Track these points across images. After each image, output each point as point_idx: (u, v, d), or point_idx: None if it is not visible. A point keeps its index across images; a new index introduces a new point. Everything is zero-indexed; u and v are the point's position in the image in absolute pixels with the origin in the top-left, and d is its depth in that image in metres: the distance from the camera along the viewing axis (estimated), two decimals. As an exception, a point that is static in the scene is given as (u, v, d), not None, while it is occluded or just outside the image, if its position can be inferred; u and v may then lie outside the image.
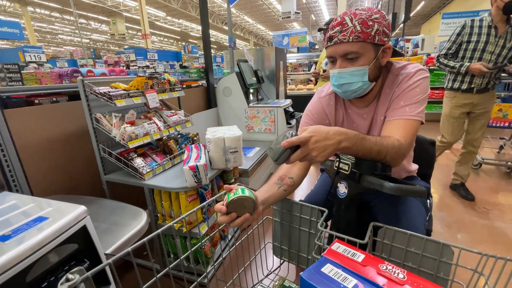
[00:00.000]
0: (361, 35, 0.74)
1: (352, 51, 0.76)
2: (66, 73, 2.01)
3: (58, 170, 1.45)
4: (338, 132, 0.63)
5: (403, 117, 0.78)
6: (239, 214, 0.66)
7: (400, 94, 0.81)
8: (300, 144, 0.61)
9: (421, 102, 0.79)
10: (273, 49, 3.16)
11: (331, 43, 0.79)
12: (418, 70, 0.81)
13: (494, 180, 2.66)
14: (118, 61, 7.77)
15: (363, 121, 0.92)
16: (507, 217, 2.00)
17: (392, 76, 0.84)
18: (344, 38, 0.75)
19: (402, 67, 0.84)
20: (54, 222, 0.62)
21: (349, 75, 0.80)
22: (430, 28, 14.56)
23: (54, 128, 1.43)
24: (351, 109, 0.94)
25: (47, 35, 16.98)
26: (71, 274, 0.43)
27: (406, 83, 0.80)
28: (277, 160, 0.62)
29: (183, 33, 19.13)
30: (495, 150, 3.32)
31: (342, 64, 0.80)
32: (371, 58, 0.78)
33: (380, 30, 0.75)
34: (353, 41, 0.75)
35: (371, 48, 0.77)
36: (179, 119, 1.71)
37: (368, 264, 0.48)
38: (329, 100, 0.96)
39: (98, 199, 1.28)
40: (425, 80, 0.80)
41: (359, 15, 0.74)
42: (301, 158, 0.62)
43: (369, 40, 0.75)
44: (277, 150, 0.61)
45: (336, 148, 0.62)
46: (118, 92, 1.36)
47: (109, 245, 0.89)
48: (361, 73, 0.79)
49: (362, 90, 0.82)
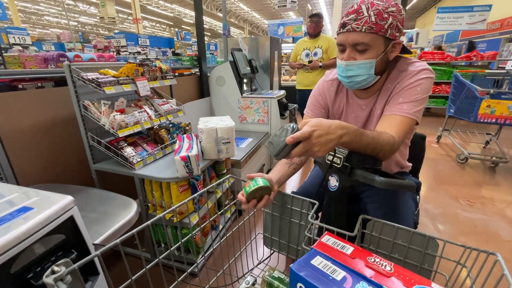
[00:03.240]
0: (374, 26, 0.74)
1: (363, 42, 0.76)
2: (51, 57, 1.92)
3: (45, 158, 1.41)
4: (339, 126, 0.61)
5: (399, 114, 0.78)
6: (259, 199, 0.74)
7: (400, 91, 0.81)
8: (302, 139, 0.59)
9: (419, 102, 0.78)
10: (268, 38, 3.11)
11: (343, 29, 0.78)
12: (423, 69, 0.80)
13: (479, 174, 2.74)
14: (108, 46, 7.50)
15: (362, 112, 0.92)
16: (489, 210, 2.08)
17: (397, 72, 0.85)
18: (358, 27, 0.75)
19: (408, 63, 0.84)
20: (40, 212, 0.60)
21: (356, 67, 0.80)
22: (424, 22, 14.57)
23: (40, 115, 1.37)
24: (353, 99, 0.94)
25: (32, 16, 16.17)
26: (57, 266, 0.42)
27: (408, 80, 0.80)
28: (277, 155, 0.60)
29: (176, 18, 18.55)
30: (481, 145, 3.41)
31: (351, 54, 0.80)
32: (380, 52, 0.78)
33: (394, 25, 0.75)
34: (365, 31, 0.75)
35: (381, 42, 0.77)
36: (171, 108, 1.68)
37: (357, 256, 0.49)
38: (331, 85, 0.98)
39: (87, 188, 1.25)
40: (427, 80, 0.79)
41: (376, 5, 0.73)
42: (302, 153, 0.60)
43: (381, 33, 0.75)
44: (278, 145, 0.59)
45: (337, 143, 0.61)
46: (107, 79, 1.31)
47: (98, 235, 0.88)
48: (368, 66, 0.79)
49: (367, 83, 0.83)
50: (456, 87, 3.13)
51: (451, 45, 7.84)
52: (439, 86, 4.99)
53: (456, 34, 9.90)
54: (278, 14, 17.08)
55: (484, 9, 6.71)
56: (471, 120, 2.71)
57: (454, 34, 9.90)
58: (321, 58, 2.74)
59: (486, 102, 2.57)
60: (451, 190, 2.40)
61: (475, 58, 4.74)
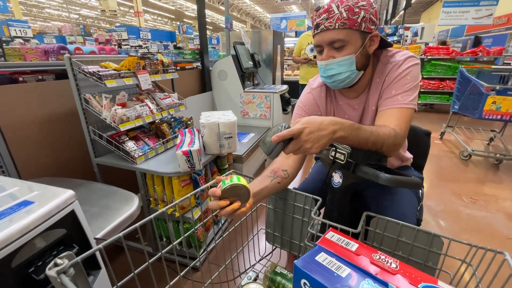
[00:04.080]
0: (347, 21, 0.73)
1: (338, 38, 0.75)
2: (52, 50, 1.90)
3: (47, 152, 1.40)
4: (332, 121, 0.62)
5: (396, 106, 0.78)
6: (231, 202, 0.64)
7: (391, 83, 0.80)
8: (293, 137, 0.60)
9: (412, 90, 0.78)
10: (271, 32, 3.07)
11: (317, 30, 0.78)
12: (408, 57, 0.80)
13: (482, 171, 2.72)
14: (110, 39, 7.45)
15: (354, 112, 0.91)
16: (491, 207, 2.07)
17: (382, 65, 0.84)
18: (331, 25, 0.74)
19: (391, 55, 0.84)
20: (41, 206, 0.60)
21: (336, 65, 0.79)
22: (430, 17, 14.35)
23: (41, 108, 1.37)
24: (342, 100, 0.93)
25: (33, 8, 16.06)
26: (60, 259, 0.42)
27: (396, 71, 0.80)
28: (270, 154, 0.61)
29: (178, 12, 18.36)
30: (485, 142, 3.38)
31: (329, 53, 0.79)
32: (358, 46, 0.77)
33: (366, 18, 0.74)
34: (339, 28, 0.74)
35: (357, 36, 0.76)
36: (173, 102, 1.66)
37: (362, 253, 0.48)
38: (320, 92, 0.95)
39: (89, 183, 1.25)
40: (414, 67, 0.79)
41: (345, 2, 0.74)
42: (295, 150, 0.61)
43: (355, 27, 0.74)
44: (270, 144, 0.60)
45: (331, 139, 0.61)
46: (108, 72, 1.30)
47: (99, 229, 0.88)
48: (348, 62, 0.78)
49: (350, 80, 0.82)
50: (461, 83, 3.09)
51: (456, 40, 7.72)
52: (443, 82, 4.92)
53: (461, 29, 9.74)
54: (280, 8, 16.85)
55: (491, 4, 6.58)
56: (475, 116, 2.67)
57: (460, 29, 9.74)
58: None
59: (491, 98, 2.53)
60: (454, 187, 2.38)
61: (481, 54, 4.66)
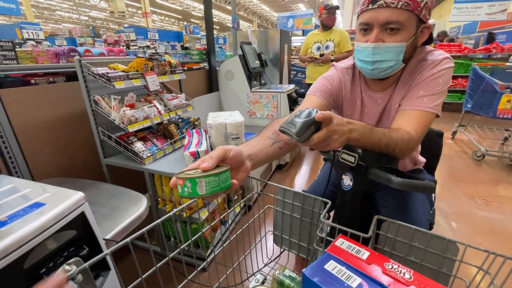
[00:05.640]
0: (411, 2, 0.65)
1: (397, 20, 0.66)
2: (63, 52, 1.94)
3: (57, 153, 1.43)
4: (348, 120, 0.59)
5: (419, 108, 0.73)
6: None
7: (421, 82, 0.75)
8: (325, 122, 0.52)
9: (440, 94, 0.73)
10: (278, 31, 3.04)
11: (373, 5, 0.67)
12: (444, 58, 0.74)
13: (496, 171, 2.64)
14: (118, 40, 7.55)
15: (376, 106, 0.86)
16: (506, 209, 2.00)
17: (415, 62, 0.78)
18: (392, 2, 0.65)
19: (427, 52, 0.77)
20: (52, 208, 0.60)
21: (384, 51, 0.71)
22: (441, 13, 13.99)
23: (52, 110, 1.39)
24: (365, 92, 0.87)
25: (44, 11, 16.44)
26: (68, 265, 0.42)
27: (430, 71, 0.74)
28: (301, 136, 0.51)
29: (185, 12, 18.47)
30: (500, 141, 3.28)
31: (379, 35, 0.70)
32: (411, 34, 0.70)
33: (428, 4, 0.67)
34: (401, 7, 0.65)
35: (415, 22, 0.69)
36: (180, 103, 1.67)
37: (373, 262, 0.47)
38: (346, 73, 0.88)
39: (98, 183, 1.27)
40: (449, 70, 0.74)
41: None
42: (322, 140, 0.52)
43: (416, 12, 0.66)
44: (302, 124, 0.51)
45: (348, 137, 0.57)
46: (117, 74, 1.31)
47: (108, 230, 0.88)
48: (399, 50, 0.70)
49: (392, 70, 0.75)
50: (473, 81, 3.00)
51: (469, 37, 7.51)
52: (455, 80, 4.80)
53: (474, 26, 9.46)
54: (287, 6, 16.75)
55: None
56: (489, 115, 2.60)
57: (472, 25, 9.46)
58: (332, 51, 2.67)
59: (506, 96, 2.45)
60: (467, 188, 2.32)
61: (495, 50, 4.52)
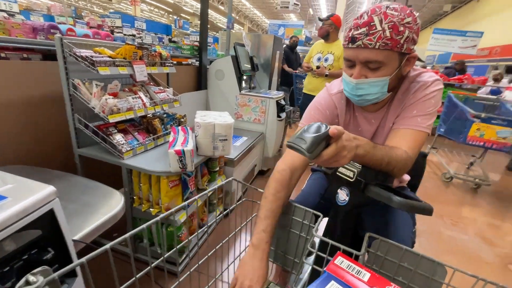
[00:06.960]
0: (389, 42, 0.65)
1: (376, 60, 0.68)
2: (41, 28, 1.77)
3: (24, 137, 1.28)
4: (354, 136, 0.57)
5: (413, 127, 0.75)
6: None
7: (414, 103, 0.76)
8: (338, 136, 0.51)
9: (432, 115, 0.76)
10: (272, 37, 3.06)
11: (353, 45, 0.69)
12: (435, 80, 0.77)
13: (462, 194, 2.82)
14: (102, 25, 7.15)
15: (369, 126, 0.87)
16: (470, 231, 2.13)
17: (407, 83, 0.80)
18: (370, 43, 0.66)
19: (418, 74, 0.80)
20: (15, 203, 0.52)
21: (368, 86, 0.73)
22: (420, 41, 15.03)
23: (23, 89, 1.25)
24: (358, 112, 0.89)
25: (21, -17, 15.22)
26: (33, 275, 0.35)
27: (422, 92, 0.76)
28: (312, 152, 0.50)
29: (176, 6, 18.06)
30: (465, 165, 3.52)
31: (362, 71, 0.72)
32: (394, 68, 0.71)
33: (410, 38, 0.67)
34: (379, 48, 0.66)
35: (396, 58, 0.69)
36: (167, 97, 1.59)
37: (375, 285, 0.45)
38: (340, 98, 0.89)
39: (68, 175, 1.15)
40: (439, 92, 0.77)
41: (390, 17, 0.65)
42: (332, 156, 0.51)
43: (396, 49, 0.67)
44: (311, 140, 0.50)
45: (355, 153, 0.56)
46: (102, 58, 1.21)
47: (78, 229, 0.79)
48: (382, 84, 0.72)
49: (378, 100, 0.78)
50: (448, 107, 3.20)
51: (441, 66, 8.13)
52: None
53: (447, 56, 10.25)
54: (279, 14, 17.03)
55: (476, 35, 7.02)
56: (460, 141, 2.77)
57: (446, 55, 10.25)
58: (330, 65, 2.60)
59: (476, 125, 2.64)
60: (436, 208, 2.39)
61: (467, 82, 4.90)
